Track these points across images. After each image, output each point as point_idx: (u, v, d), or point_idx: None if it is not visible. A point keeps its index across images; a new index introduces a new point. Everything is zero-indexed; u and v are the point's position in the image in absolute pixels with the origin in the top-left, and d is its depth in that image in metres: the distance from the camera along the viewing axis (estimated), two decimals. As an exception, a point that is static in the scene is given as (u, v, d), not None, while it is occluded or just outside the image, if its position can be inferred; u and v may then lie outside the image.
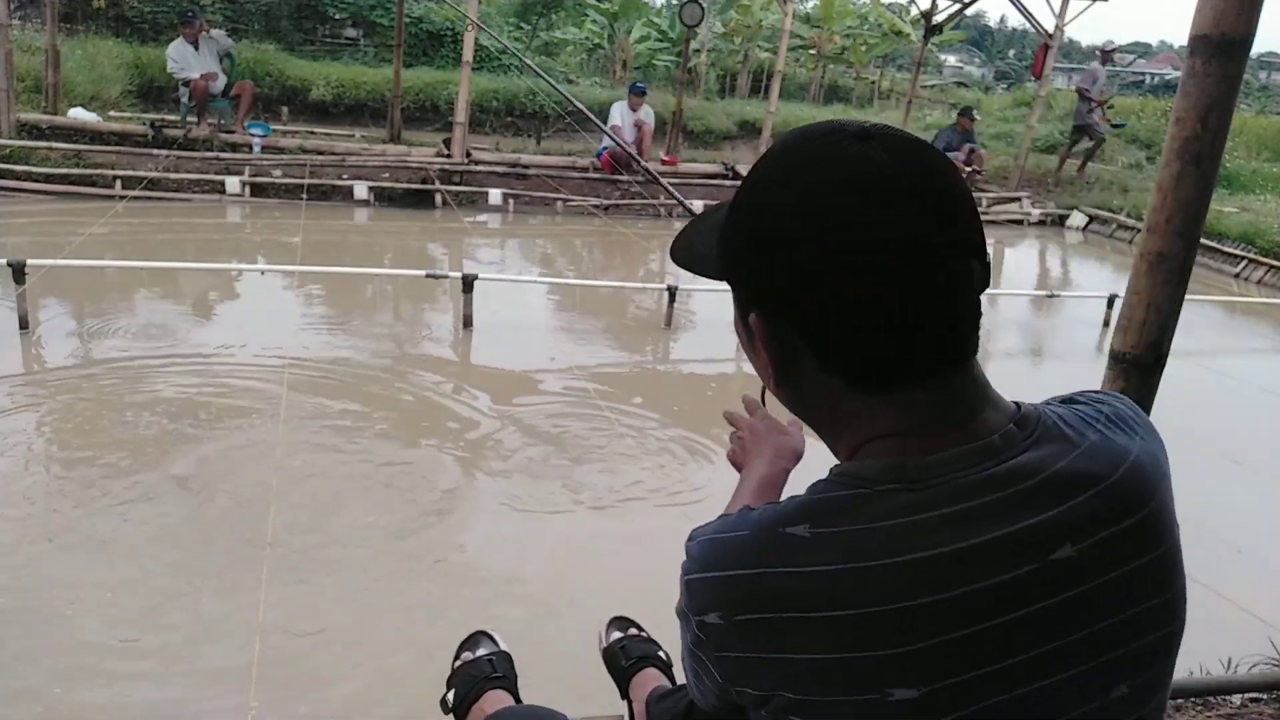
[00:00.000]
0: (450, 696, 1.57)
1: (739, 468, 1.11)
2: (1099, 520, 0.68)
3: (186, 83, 8.94)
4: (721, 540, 0.69)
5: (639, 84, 10.57)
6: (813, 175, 0.65)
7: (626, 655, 1.64)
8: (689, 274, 0.89)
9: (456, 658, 1.67)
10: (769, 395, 0.82)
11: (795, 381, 0.72)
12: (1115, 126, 13.04)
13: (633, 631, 1.72)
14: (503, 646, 1.69)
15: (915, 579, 0.63)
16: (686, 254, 0.84)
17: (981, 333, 0.69)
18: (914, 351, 0.66)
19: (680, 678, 1.56)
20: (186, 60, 8.97)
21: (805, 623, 0.63)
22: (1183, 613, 0.74)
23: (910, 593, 0.63)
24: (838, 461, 0.74)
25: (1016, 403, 0.72)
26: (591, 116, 1.73)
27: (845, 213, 0.63)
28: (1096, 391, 0.80)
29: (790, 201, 0.65)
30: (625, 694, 1.63)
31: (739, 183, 0.75)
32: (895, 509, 0.65)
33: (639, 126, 9.94)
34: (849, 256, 0.63)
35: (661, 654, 1.66)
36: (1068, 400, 0.78)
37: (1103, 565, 0.67)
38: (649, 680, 1.58)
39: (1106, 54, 12.24)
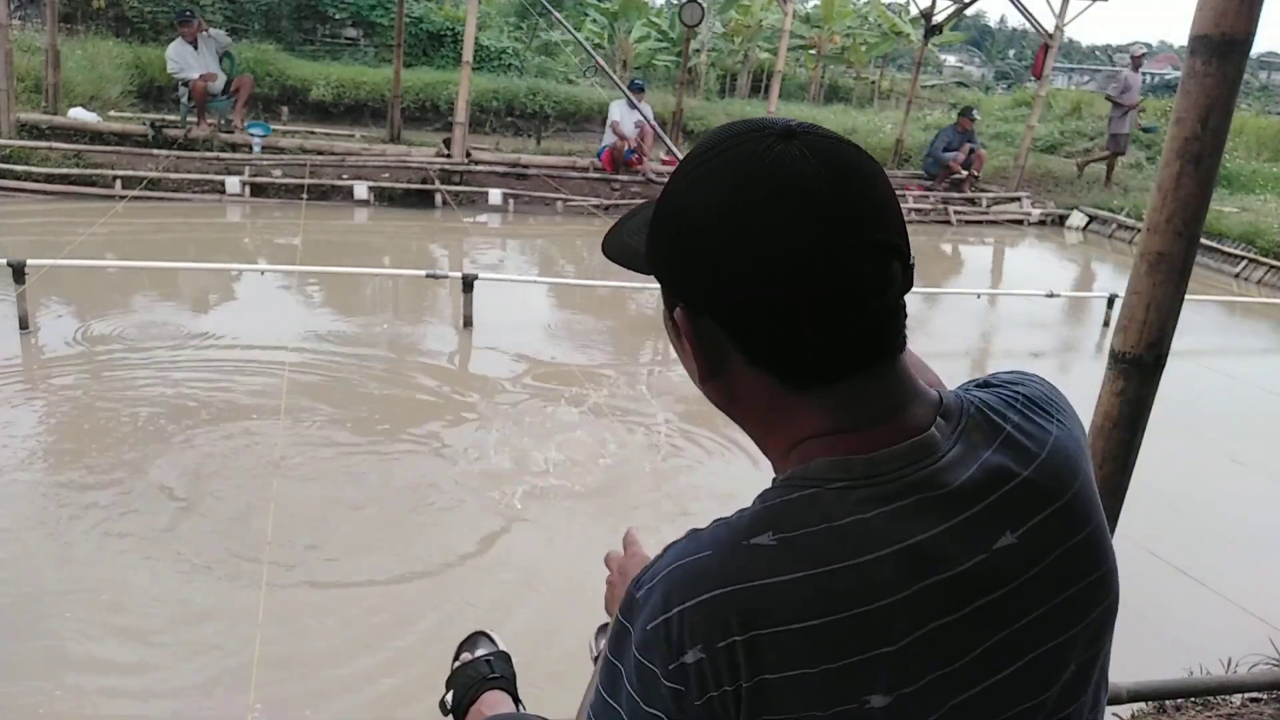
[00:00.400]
0: (449, 697, 1.57)
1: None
2: (1032, 505, 0.69)
3: (186, 83, 8.94)
4: (684, 568, 0.65)
5: (637, 81, 10.55)
6: (734, 174, 0.65)
7: None
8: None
9: (455, 658, 1.67)
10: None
11: (723, 378, 0.71)
12: (1145, 130, 12.81)
13: None
14: (501, 647, 1.69)
15: (878, 579, 0.63)
16: (618, 248, 0.83)
17: (982, 332, 0.69)
18: (837, 350, 0.66)
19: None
20: (186, 60, 8.97)
21: (783, 637, 0.62)
22: (1116, 587, 0.74)
23: (876, 594, 0.63)
24: (770, 465, 0.73)
25: (939, 392, 0.73)
26: (660, 133, 1.70)
27: (765, 213, 0.63)
28: (1010, 373, 0.81)
29: (712, 200, 0.65)
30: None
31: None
32: (849, 507, 0.65)
33: (640, 128, 9.93)
34: (768, 257, 0.63)
35: None
36: (984, 384, 0.78)
37: (1043, 549, 0.69)
38: None
39: (1137, 59, 11.94)
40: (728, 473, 3.89)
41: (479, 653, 1.64)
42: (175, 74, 9.05)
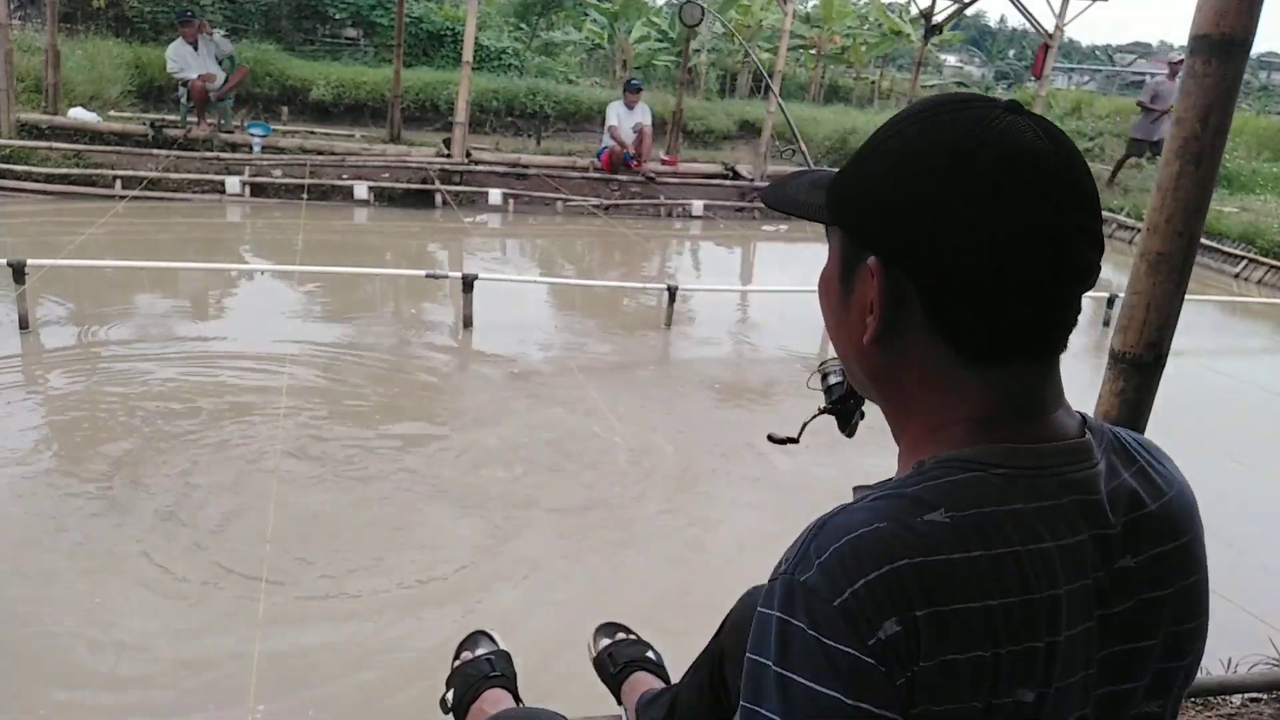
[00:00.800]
0: (449, 696, 1.57)
1: None
2: (1155, 536, 0.70)
3: (185, 83, 8.94)
4: (861, 539, 0.61)
5: (634, 81, 10.42)
6: (964, 133, 0.64)
7: (614, 662, 1.64)
8: (689, 275, 0.88)
9: (456, 657, 1.68)
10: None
11: (892, 339, 0.69)
12: None
13: (620, 636, 1.72)
14: (501, 645, 1.69)
15: (1043, 571, 0.62)
16: (784, 201, 0.80)
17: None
18: (1027, 330, 0.66)
19: (672, 677, 1.56)
20: (185, 60, 8.97)
21: (965, 615, 0.60)
22: (1204, 644, 0.75)
23: (1040, 585, 0.62)
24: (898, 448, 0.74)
25: (1079, 412, 0.74)
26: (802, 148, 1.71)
27: (995, 177, 0.63)
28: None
29: (940, 153, 0.64)
30: (620, 700, 1.63)
31: (736, 179, 0.74)
32: (1017, 494, 0.64)
33: (639, 131, 9.87)
34: (991, 222, 0.62)
35: (651, 654, 1.66)
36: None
37: (1153, 582, 0.69)
38: (638, 685, 1.58)
39: (1175, 65, 11.41)
40: (743, 473, 3.89)
41: (479, 651, 1.65)
42: (175, 73, 9.05)
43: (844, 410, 1.26)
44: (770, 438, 1.32)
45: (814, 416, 1.27)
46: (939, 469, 0.66)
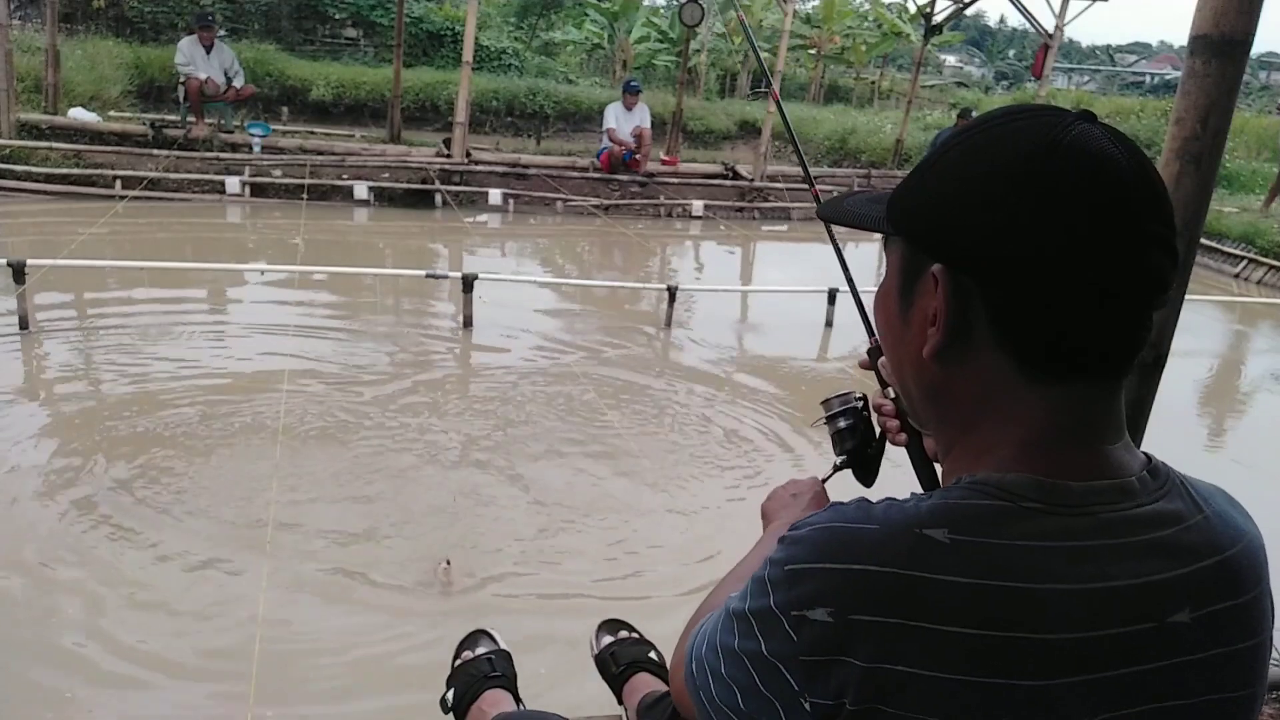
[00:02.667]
0: (450, 695, 1.57)
1: (768, 517, 1.11)
2: (1214, 592, 0.66)
3: (186, 79, 8.93)
4: (845, 531, 0.63)
5: (633, 82, 10.37)
6: (1038, 139, 0.63)
7: (617, 662, 1.64)
8: (689, 275, 0.87)
9: (456, 656, 1.67)
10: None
11: (953, 352, 0.67)
12: None
13: (623, 634, 1.71)
14: (502, 645, 1.69)
15: (1052, 611, 0.60)
16: (842, 214, 0.79)
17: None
18: (1094, 341, 0.64)
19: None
20: (194, 59, 8.96)
21: (931, 635, 0.59)
22: (1256, 713, 0.70)
23: (1046, 624, 0.60)
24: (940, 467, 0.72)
25: (1145, 453, 0.72)
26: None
27: (1072, 183, 0.61)
28: None
29: (1013, 159, 0.63)
30: (620, 699, 1.62)
31: (736, 179, 0.74)
32: (1039, 531, 0.62)
33: (637, 134, 9.83)
34: (1068, 229, 0.61)
35: (653, 655, 1.65)
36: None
37: (1210, 639, 0.66)
38: (640, 686, 1.57)
39: None
40: (744, 472, 3.89)
41: (480, 651, 1.64)
42: (181, 67, 9.00)
43: (862, 459, 1.12)
44: None
45: (830, 475, 1.14)
46: (968, 490, 0.65)
